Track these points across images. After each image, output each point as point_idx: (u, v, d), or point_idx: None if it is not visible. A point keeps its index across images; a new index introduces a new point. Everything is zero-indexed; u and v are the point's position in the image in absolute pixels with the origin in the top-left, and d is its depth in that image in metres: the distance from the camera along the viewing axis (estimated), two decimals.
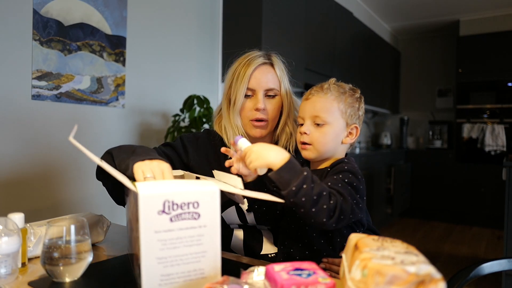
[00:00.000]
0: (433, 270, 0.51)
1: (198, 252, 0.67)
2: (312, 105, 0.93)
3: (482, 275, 1.11)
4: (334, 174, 0.88)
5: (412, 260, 0.53)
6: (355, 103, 0.95)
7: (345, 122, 0.93)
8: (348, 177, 0.86)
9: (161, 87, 2.25)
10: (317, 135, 0.92)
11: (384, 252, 0.57)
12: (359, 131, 0.97)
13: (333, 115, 0.92)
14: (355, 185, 0.85)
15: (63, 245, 0.73)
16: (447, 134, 5.22)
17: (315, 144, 0.92)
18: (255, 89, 1.09)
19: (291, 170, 0.77)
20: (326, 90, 0.93)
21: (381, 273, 0.50)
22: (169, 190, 0.65)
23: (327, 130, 0.92)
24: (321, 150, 0.93)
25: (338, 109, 0.92)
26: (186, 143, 1.17)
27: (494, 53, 4.59)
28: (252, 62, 1.09)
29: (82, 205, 1.86)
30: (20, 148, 1.62)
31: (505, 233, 2.41)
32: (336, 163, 0.92)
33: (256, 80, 1.09)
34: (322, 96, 0.93)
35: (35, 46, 1.63)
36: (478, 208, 4.57)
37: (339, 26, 3.64)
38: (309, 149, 0.94)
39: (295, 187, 0.75)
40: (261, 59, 1.10)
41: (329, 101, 0.92)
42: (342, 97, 0.93)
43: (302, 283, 0.55)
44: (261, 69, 1.10)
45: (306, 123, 0.94)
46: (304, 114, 0.95)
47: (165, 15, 2.25)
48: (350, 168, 0.88)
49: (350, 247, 0.64)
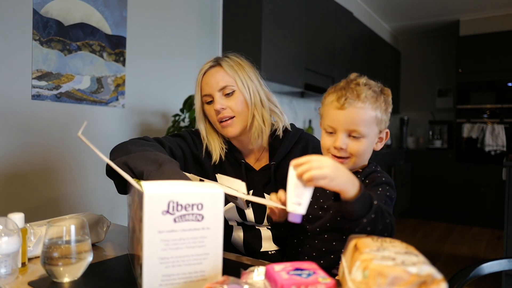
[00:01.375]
0: (434, 271, 0.51)
1: (200, 254, 0.67)
2: (350, 117, 0.83)
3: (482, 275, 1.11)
4: (373, 186, 0.84)
5: (413, 261, 0.53)
6: (388, 107, 0.88)
7: (378, 129, 0.87)
8: (387, 189, 0.83)
9: (161, 87, 2.25)
10: (355, 149, 0.84)
11: (384, 253, 0.56)
12: (389, 134, 0.91)
13: (370, 126, 0.84)
14: (393, 197, 0.84)
15: (63, 245, 0.73)
16: (447, 134, 5.22)
17: (354, 158, 0.85)
18: (210, 93, 1.10)
19: (365, 201, 0.70)
20: (363, 99, 0.83)
21: (383, 274, 0.50)
22: (174, 190, 0.65)
23: (364, 142, 0.85)
24: (358, 163, 0.87)
25: (375, 119, 0.85)
26: (195, 139, 1.18)
27: (494, 53, 4.59)
28: (202, 70, 1.13)
29: (82, 205, 1.86)
30: (20, 148, 1.62)
31: (505, 233, 2.41)
32: (369, 172, 0.88)
33: (207, 85, 1.11)
34: (361, 106, 0.83)
35: (35, 46, 1.63)
36: (478, 208, 4.57)
37: (339, 26, 3.64)
38: (346, 163, 0.86)
39: (366, 219, 0.70)
40: (209, 64, 1.13)
41: (368, 112, 0.83)
42: (378, 104, 0.85)
43: (302, 283, 0.55)
44: (210, 72, 1.12)
45: (340, 136, 0.85)
46: (338, 125, 0.85)
47: (165, 15, 2.25)
48: (387, 180, 0.85)
49: (349, 247, 0.64)
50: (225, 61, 1.12)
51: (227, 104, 1.09)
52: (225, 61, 1.12)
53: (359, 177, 0.88)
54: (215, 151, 1.14)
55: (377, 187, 0.84)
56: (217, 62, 1.12)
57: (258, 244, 1.13)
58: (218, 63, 1.12)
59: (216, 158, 1.13)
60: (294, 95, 3.50)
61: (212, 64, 1.12)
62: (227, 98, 1.09)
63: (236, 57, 1.14)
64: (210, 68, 1.12)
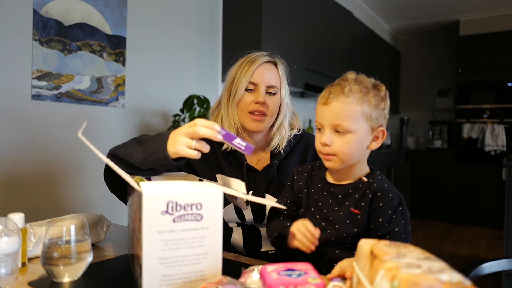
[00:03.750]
0: (463, 277, 0.49)
1: (200, 254, 0.67)
2: (332, 111, 0.81)
3: (482, 275, 1.11)
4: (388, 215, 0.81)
5: (438, 267, 0.50)
6: (380, 103, 0.83)
7: (370, 126, 0.82)
8: (402, 212, 0.82)
9: (161, 87, 2.25)
10: (340, 145, 0.81)
11: (407, 260, 0.53)
12: (386, 133, 0.86)
13: (356, 121, 0.80)
14: (408, 215, 0.82)
15: (63, 245, 0.73)
16: (447, 134, 5.22)
17: (340, 155, 0.82)
18: (258, 84, 1.11)
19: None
20: (347, 93, 0.80)
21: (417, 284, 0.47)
22: (173, 190, 0.65)
23: (350, 138, 0.81)
24: (346, 161, 0.83)
25: (362, 114, 0.80)
26: None
27: (494, 53, 4.59)
28: (257, 59, 1.13)
29: (82, 205, 1.86)
30: (20, 148, 1.62)
31: (505, 233, 2.41)
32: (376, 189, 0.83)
33: (259, 75, 1.12)
34: (343, 100, 0.80)
35: (35, 46, 1.63)
36: (478, 208, 4.57)
37: (339, 26, 3.64)
38: (333, 160, 0.83)
39: None
40: (265, 57, 1.14)
41: (352, 107, 0.79)
42: (366, 98, 0.81)
43: (291, 283, 0.56)
44: (265, 66, 1.13)
45: (325, 131, 0.83)
46: (323, 120, 0.83)
47: (165, 15, 2.25)
48: (396, 197, 0.82)
49: (364, 254, 0.60)
50: (279, 62, 1.17)
51: (267, 101, 1.11)
52: (280, 62, 1.17)
53: (366, 191, 0.84)
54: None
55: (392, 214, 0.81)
56: (273, 60, 1.16)
57: (258, 244, 1.13)
58: (274, 61, 1.16)
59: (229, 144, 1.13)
60: (294, 95, 3.49)
61: (269, 60, 1.15)
62: (268, 96, 1.12)
63: (283, 62, 1.19)
64: (267, 62, 1.14)
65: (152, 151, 0.84)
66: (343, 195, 0.86)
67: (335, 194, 0.87)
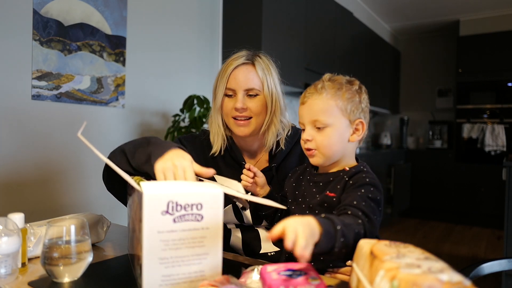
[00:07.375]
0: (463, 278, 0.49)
1: (200, 254, 0.67)
2: (309, 108, 0.88)
3: (482, 275, 1.11)
4: (356, 187, 0.83)
5: (438, 267, 0.51)
6: (354, 96, 0.87)
7: (347, 119, 0.87)
8: (371, 191, 0.82)
9: (161, 87, 2.25)
10: (320, 139, 0.87)
11: (406, 260, 0.53)
12: (366, 125, 0.89)
13: (332, 115, 0.86)
14: (378, 199, 0.82)
15: (63, 245, 0.73)
16: (447, 134, 5.22)
17: (320, 149, 0.87)
18: (235, 89, 1.09)
19: (328, 233, 0.66)
20: (320, 90, 0.87)
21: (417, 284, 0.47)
22: (173, 190, 0.65)
23: (329, 132, 0.86)
24: (328, 154, 0.88)
25: (336, 107, 0.86)
26: (184, 142, 1.18)
27: (494, 53, 4.59)
28: (232, 63, 1.09)
29: (82, 205, 1.86)
30: (20, 148, 1.62)
31: (505, 233, 2.41)
32: (355, 172, 0.87)
33: (235, 80, 1.08)
34: (317, 97, 0.86)
35: (35, 46, 1.63)
36: (478, 208, 4.57)
37: (339, 26, 3.64)
38: (315, 154, 0.89)
39: (337, 248, 0.68)
40: (242, 59, 1.10)
41: (326, 101, 0.86)
42: (339, 93, 0.86)
43: (291, 283, 0.56)
44: (241, 69, 1.09)
45: (306, 128, 0.89)
46: (303, 119, 0.90)
47: (165, 15, 2.25)
48: (371, 181, 0.84)
49: (363, 254, 0.60)
50: (258, 61, 1.10)
51: (248, 104, 1.08)
52: (258, 61, 1.10)
53: (344, 176, 0.87)
54: (217, 143, 1.14)
55: (360, 188, 0.83)
56: (251, 61, 1.10)
57: (257, 246, 1.13)
58: (252, 61, 1.10)
59: (217, 149, 1.13)
60: (294, 95, 3.49)
61: (245, 61, 1.09)
62: (249, 99, 1.09)
63: (267, 58, 1.13)
64: (242, 65, 1.09)
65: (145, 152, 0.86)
66: (324, 182, 0.90)
67: (317, 182, 0.92)
